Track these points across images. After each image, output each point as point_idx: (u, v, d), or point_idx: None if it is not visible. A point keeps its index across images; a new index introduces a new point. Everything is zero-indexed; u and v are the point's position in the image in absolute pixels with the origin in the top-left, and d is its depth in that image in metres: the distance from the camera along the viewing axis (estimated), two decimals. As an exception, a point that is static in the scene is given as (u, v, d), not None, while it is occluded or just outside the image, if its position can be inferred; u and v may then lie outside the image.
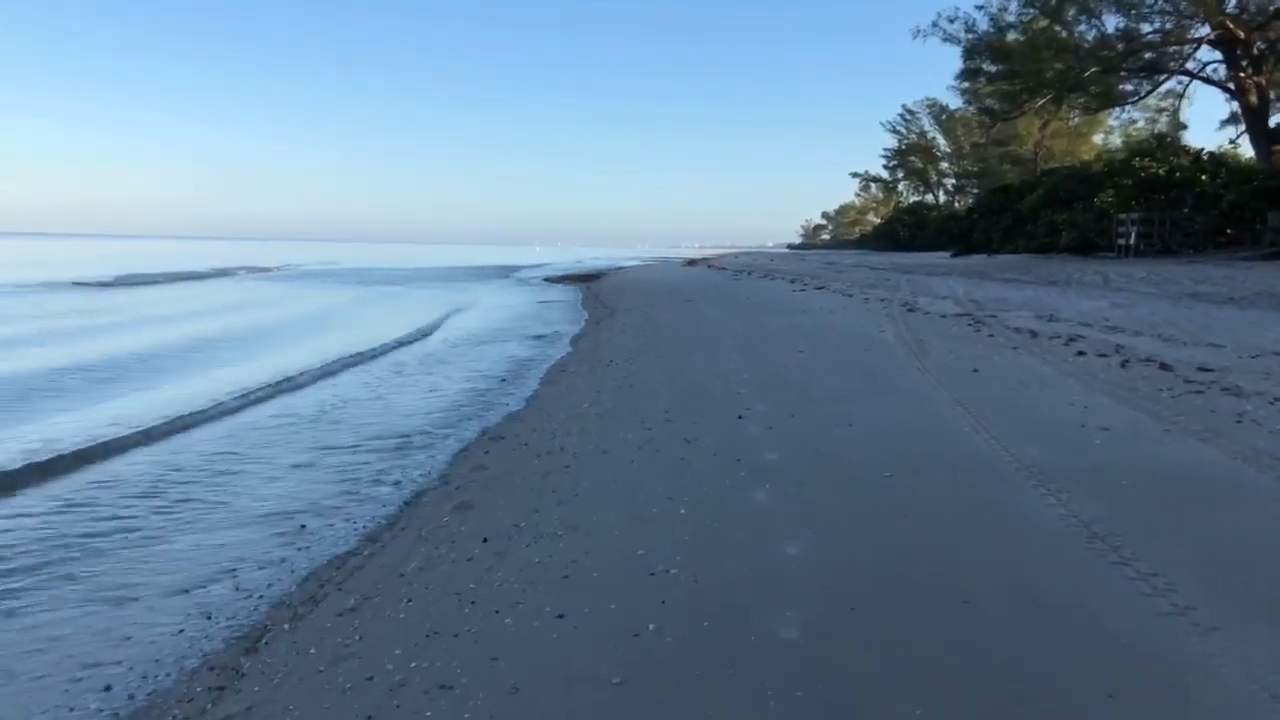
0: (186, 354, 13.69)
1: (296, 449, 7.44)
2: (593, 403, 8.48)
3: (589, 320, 18.56)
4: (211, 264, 54.86)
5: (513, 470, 6.10)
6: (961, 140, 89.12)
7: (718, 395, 8.39)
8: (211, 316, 21.07)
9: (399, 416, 8.80)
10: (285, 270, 53.67)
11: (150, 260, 59.57)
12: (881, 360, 9.87)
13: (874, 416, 7.05)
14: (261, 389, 10.16)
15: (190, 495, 6.05)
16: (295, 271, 52.90)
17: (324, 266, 61.25)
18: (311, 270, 54.85)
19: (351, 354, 13.04)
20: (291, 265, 60.30)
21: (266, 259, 71.78)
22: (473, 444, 7.17)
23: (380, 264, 68.03)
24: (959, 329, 11.98)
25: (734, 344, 12.15)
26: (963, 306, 14.93)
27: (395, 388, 10.67)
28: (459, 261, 77.34)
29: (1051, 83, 30.53)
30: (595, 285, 33.42)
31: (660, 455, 6.17)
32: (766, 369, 9.81)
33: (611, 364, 11.09)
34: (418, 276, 47.03)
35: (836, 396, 7.97)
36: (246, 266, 53.69)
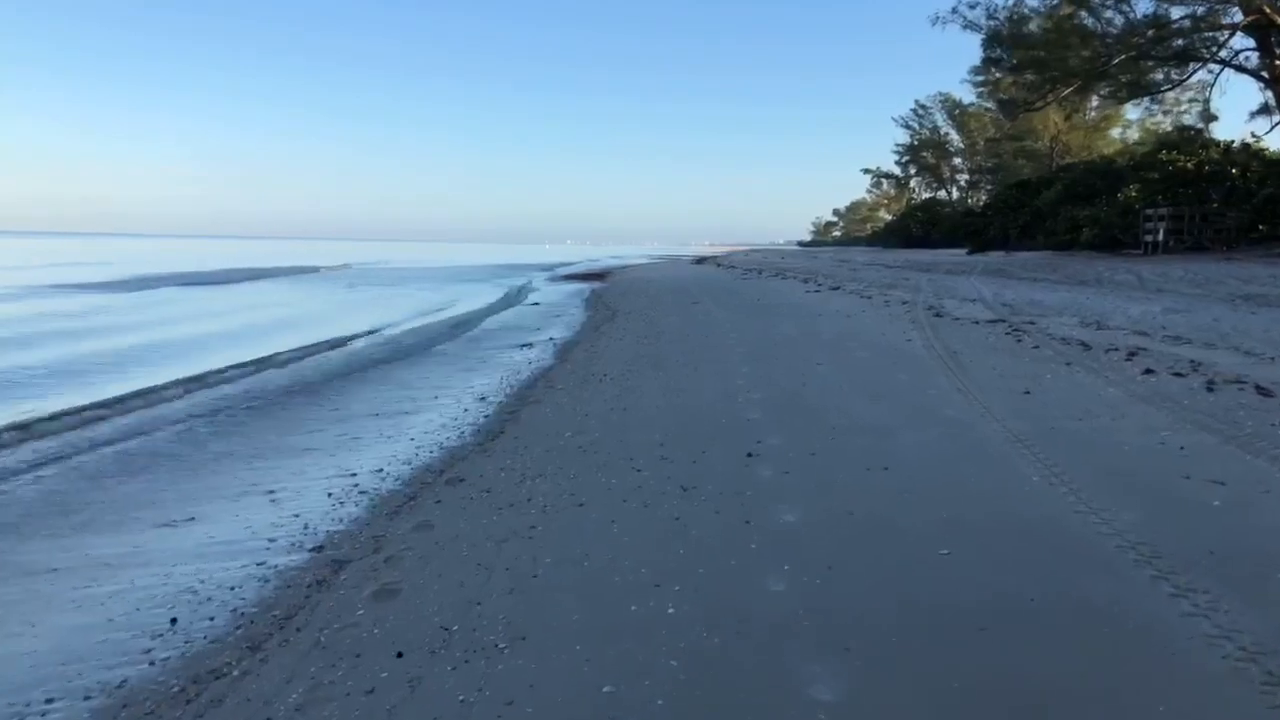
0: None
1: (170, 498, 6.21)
2: (577, 430, 7.21)
3: (587, 324, 17.27)
4: (266, 263, 55.93)
5: (463, 532, 4.83)
6: (975, 135, 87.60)
7: (724, 423, 7.10)
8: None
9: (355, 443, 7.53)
10: (350, 269, 54.73)
11: (181, 260, 61.32)
12: (914, 378, 8.56)
13: (914, 457, 5.75)
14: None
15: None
16: (365, 270, 53.76)
17: (381, 265, 61.68)
18: (380, 269, 55.49)
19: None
20: (352, 264, 61.06)
21: (308, 258, 72.98)
22: (423, 490, 5.90)
23: (420, 263, 68.29)
24: (997, 338, 10.65)
25: (744, 354, 10.86)
26: (995, 311, 13.58)
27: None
28: (482, 261, 77.33)
29: (1077, 72, 29.07)
30: (599, 285, 32.15)
31: (649, 512, 4.89)
32: (781, 387, 8.52)
33: (605, 379, 9.82)
34: (493, 275, 46.80)
35: (865, 427, 6.67)
36: (304, 266, 54.37)
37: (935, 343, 10.62)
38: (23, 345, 14.28)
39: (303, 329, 17.50)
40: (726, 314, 16.52)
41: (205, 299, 27.73)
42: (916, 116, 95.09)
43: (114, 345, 14.58)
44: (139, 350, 14.03)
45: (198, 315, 21.40)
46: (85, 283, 33.32)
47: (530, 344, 14.92)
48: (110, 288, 31.64)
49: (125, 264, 52.35)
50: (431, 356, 13.85)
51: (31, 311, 20.76)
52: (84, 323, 18.42)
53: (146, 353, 13.76)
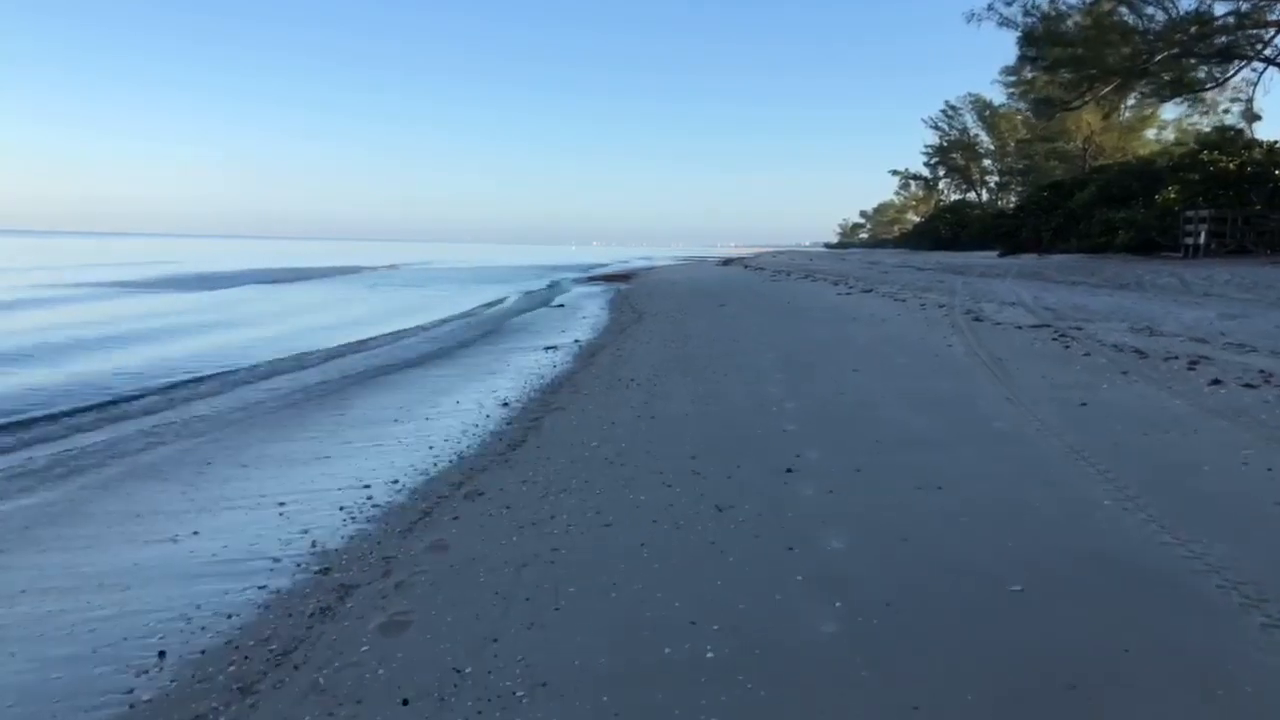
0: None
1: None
2: (604, 439, 6.83)
3: (613, 326, 16.89)
4: (310, 264, 58.05)
5: (480, 554, 4.45)
6: (1006, 136, 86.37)
7: (758, 434, 6.69)
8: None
9: (363, 457, 7.20)
10: (407, 269, 56.77)
11: (216, 260, 64.18)
12: (959, 387, 8.09)
13: (968, 475, 5.30)
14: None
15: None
16: (425, 270, 55.81)
17: (425, 266, 63.35)
18: (432, 269, 57.34)
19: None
20: (407, 264, 62.85)
21: (349, 259, 74.84)
22: (440, 503, 5.54)
23: (453, 265, 69.56)
24: (1043, 344, 10.13)
25: (775, 360, 10.43)
26: (1038, 316, 13.04)
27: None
28: (508, 261, 78.55)
29: (1117, 69, 28.27)
30: (625, 286, 31.77)
31: (682, 535, 4.50)
32: (817, 395, 8.09)
33: (632, 384, 9.43)
34: (519, 275, 47.27)
35: (912, 440, 6.23)
36: (350, 266, 55.91)
37: (978, 349, 10.13)
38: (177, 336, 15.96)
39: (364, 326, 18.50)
40: (756, 317, 16.08)
41: (286, 296, 29.62)
42: (946, 117, 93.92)
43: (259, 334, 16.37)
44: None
45: (295, 309, 23.83)
46: (144, 280, 34.87)
47: (555, 346, 14.56)
48: (183, 285, 33.29)
49: (163, 264, 54.01)
50: (455, 359, 13.55)
51: (132, 310, 22.12)
52: (198, 318, 20.35)
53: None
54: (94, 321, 18.61)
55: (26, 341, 14.83)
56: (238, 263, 57.89)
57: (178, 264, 53.98)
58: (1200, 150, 35.06)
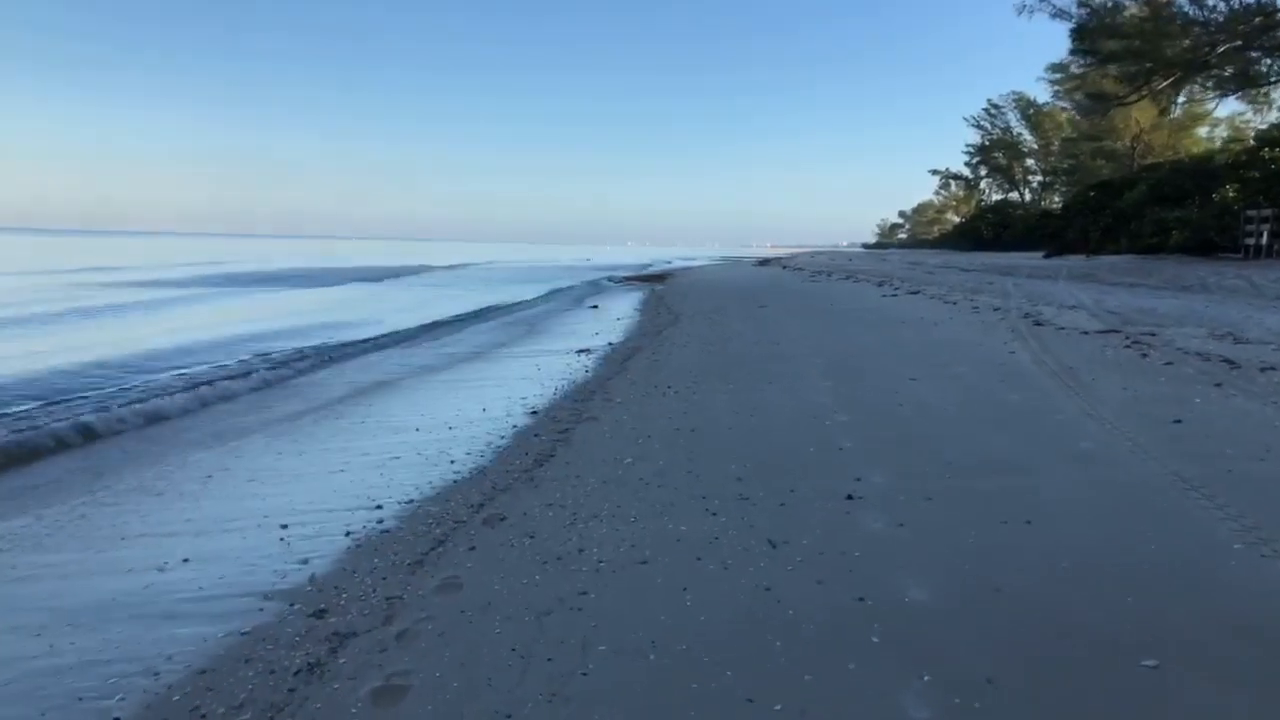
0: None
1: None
2: (638, 456, 6.21)
3: (648, 329, 16.25)
4: (373, 263, 59.93)
5: (497, 597, 3.86)
6: (1050, 135, 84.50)
7: (811, 452, 6.03)
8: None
9: (378, 472, 6.65)
10: (474, 268, 57.75)
11: (268, 260, 65.44)
12: (1030, 399, 7.36)
13: (1062, 506, 4.60)
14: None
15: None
16: (490, 269, 56.72)
17: (492, 265, 64.78)
18: (494, 268, 58.16)
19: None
20: (471, 265, 63.43)
21: (403, 258, 75.86)
22: (457, 529, 4.96)
23: (522, 262, 71.66)
24: (1115, 352, 9.33)
25: (822, 367, 9.74)
26: (1103, 320, 12.20)
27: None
28: (542, 261, 79.34)
29: (1176, 62, 27.07)
30: (661, 287, 31.13)
31: (731, 578, 3.86)
32: (871, 408, 7.40)
33: (669, 392, 8.81)
34: (553, 276, 47.35)
35: (986, 463, 5.53)
36: (416, 266, 56.65)
37: (1044, 356, 9.36)
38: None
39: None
40: (798, 320, 15.37)
41: (393, 294, 31.32)
42: (989, 116, 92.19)
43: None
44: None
45: (411, 305, 25.07)
46: (247, 277, 37.38)
47: (588, 349, 13.97)
48: (291, 283, 35.44)
49: (218, 264, 55.45)
50: (484, 362, 13.02)
51: (290, 306, 23.79)
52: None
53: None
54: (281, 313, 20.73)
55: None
56: (292, 262, 59.58)
57: (229, 263, 55.29)
58: (1261, 147, 33.66)
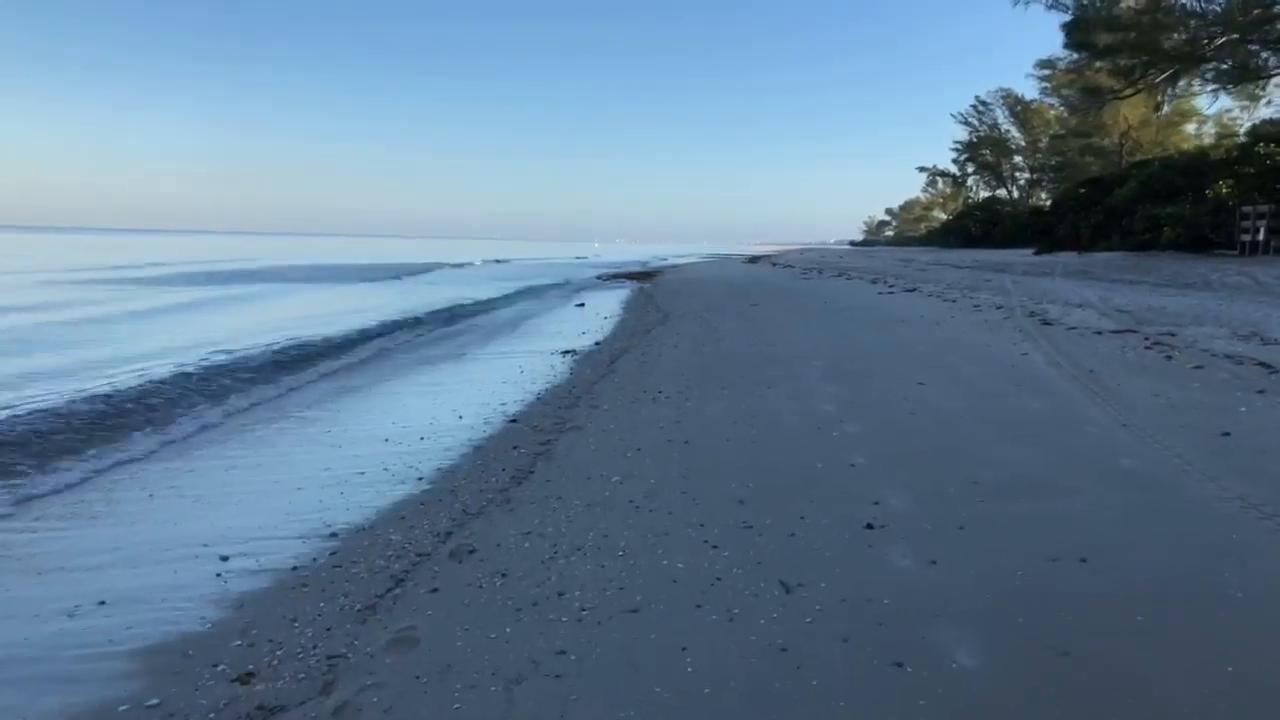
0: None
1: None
2: (626, 473, 5.59)
3: (637, 328, 15.62)
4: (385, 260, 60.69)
5: (459, 656, 3.22)
6: (1038, 132, 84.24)
7: (819, 469, 5.41)
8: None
9: (334, 492, 5.99)
10: (486, 267, 57.49)
11: (285, 257, 65.85)
12: (1054, 406, 6.76)
13: (1116, 538, 3.99)
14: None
15: None
16: (504, 267, 56.90)
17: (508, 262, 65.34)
18: (508, 266, 58.37)
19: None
20: (478, 262, 63.14)
21: (412, 256, 75.93)
22: (419, 564, 4.32)
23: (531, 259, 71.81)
24: (1136, 354, 8.76)
25: (823, 370, 9.13)
26: (1114, 319, 11.63)
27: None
28: (528, 257, 78.81)
29: (1173, 55, 26.60)
30: (649, 284, 30.49)
31: (739, 633, 3.24)
32: (881, 417, 6.79)
33: (659, 397, 8.19)
34: (539, 272, 47.11)
35: (1020, 482, 4.92)
36: (423, 264, 56.40)
37: (1059, 358, 8.78)
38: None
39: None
40: (793, 319, 14.76)
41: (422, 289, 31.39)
42: (976, 113, 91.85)
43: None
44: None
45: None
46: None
47: (573, 350, 13.33)
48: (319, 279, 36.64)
49: (240, 261, 55.52)
50: (465, 363, 12.35)
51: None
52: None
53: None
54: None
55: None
56: (308, 259, 60.80)
57: (239, 261, 55.68)
58: (1256, 142, 33.28)
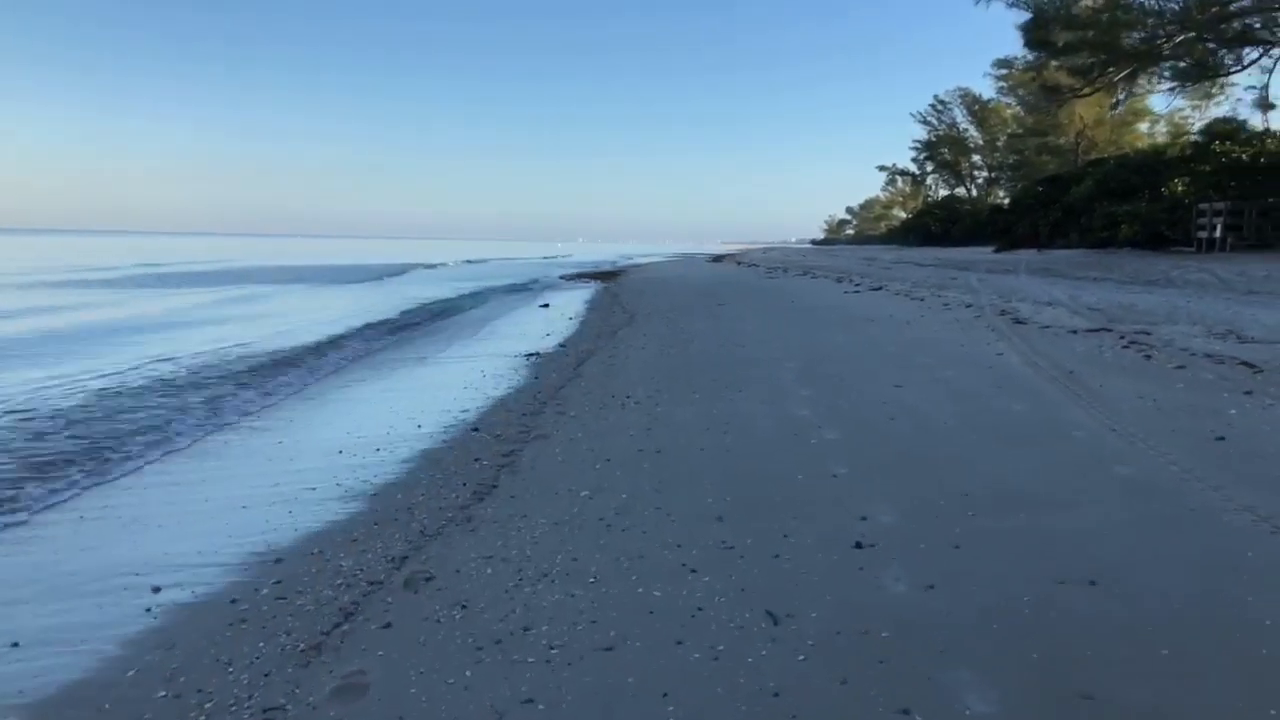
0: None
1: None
2: (597, 486, 5.24)
3: (603, 329, 15.26)
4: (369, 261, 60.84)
5: (413, 710, 2.85)
6: (995, 131, 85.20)
7: (800, 480, 5.11)
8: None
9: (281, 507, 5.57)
10: (456, 268, 56.75)
11: (272, 258, 67.12)
12: (1038, 410, 6.52)
13: (1126, 557, 3.72)
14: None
15: None
16: (476, 267, 56.28)
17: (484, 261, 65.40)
18: (483, 267, 57.59)
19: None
20: (448, 263, 62.32)
21: (378, 257, 75.67)
22: (370, 593, 3.93)
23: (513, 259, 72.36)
24: (1114, 353, 8.59)
25: (797, 372, 8.85)
26: (1086, 318, 11.51)
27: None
28: (492, 256, 78.08)
29: (1130, 53, 26.81)
30: (614, 284, 30.14)
31: (725, 674, 2.90)
32: (860, 420, 6.51)
33: (628, 403, 7.85)
34: (501, 273, 47.73)
35: (1015, 494, 4.65)
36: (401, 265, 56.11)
37: (1036, 358, 8.58)
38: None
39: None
40: (761, 319, 14.51)
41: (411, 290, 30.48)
42: (935, 112, 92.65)
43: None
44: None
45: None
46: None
47: (538, 353, 12.94)
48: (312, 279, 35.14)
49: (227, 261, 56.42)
50: (425, 367, 11.91)
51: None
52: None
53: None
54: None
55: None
56: (289, 260, 61.35)
57: (226, 261, 56.22)
58: (1211, 141, 33.77)
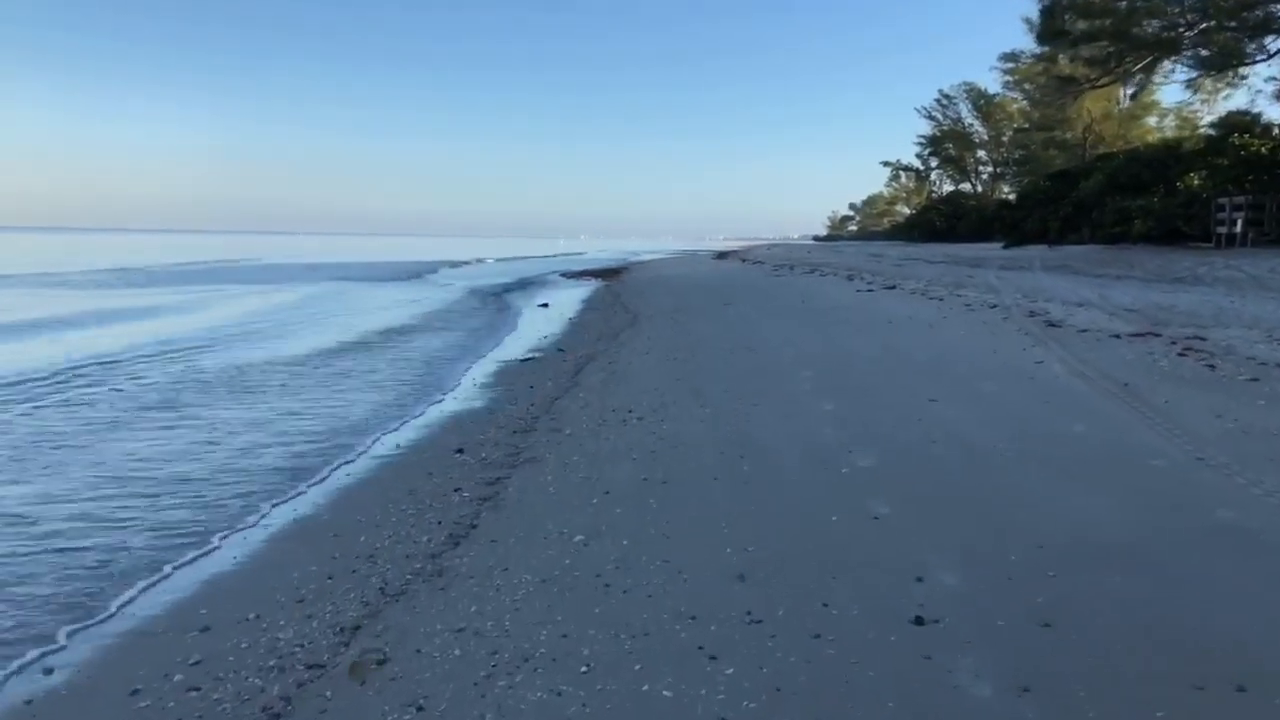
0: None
1: None
2: (593, 531, 4.43)
3: (604, 331, 14.44)
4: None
5: None
6: (1001, 126, 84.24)
7: (834, 524, 4.29)
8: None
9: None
10: (489, 265, 55.85)
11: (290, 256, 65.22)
12: (1102, 432, 5.69)
13: (1272, 645, 2.91)
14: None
15: None
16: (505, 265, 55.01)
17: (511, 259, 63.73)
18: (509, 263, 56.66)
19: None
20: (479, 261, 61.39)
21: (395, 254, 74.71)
22: (303, 694, 3.13)
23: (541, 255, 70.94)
24: (1170, 362, 7.75)
25: (815, 381, 8.04)
26: (1124, 319, 10.67)
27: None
28: (494, 254, 76.69)
29: (1148, 43, 25.90)
30: (616, 282, 29.31)
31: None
32: (896, 445, 5.69)
33: (630, 418, 7.04)
34: (502, 271, 46.14)
35: (1099, 547, 3.83)
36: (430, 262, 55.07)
37: (1082, 367, 7.76)
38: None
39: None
40: (771, 320, 13.67)
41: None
42: (940, 106, 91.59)
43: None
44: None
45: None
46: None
47: (534, 358, 12.14)
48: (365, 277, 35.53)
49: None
50: (416, 371, 11.07)
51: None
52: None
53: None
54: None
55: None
56: (325, 258, 60.58)
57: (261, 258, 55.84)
58: (1228, 133, 32.86)
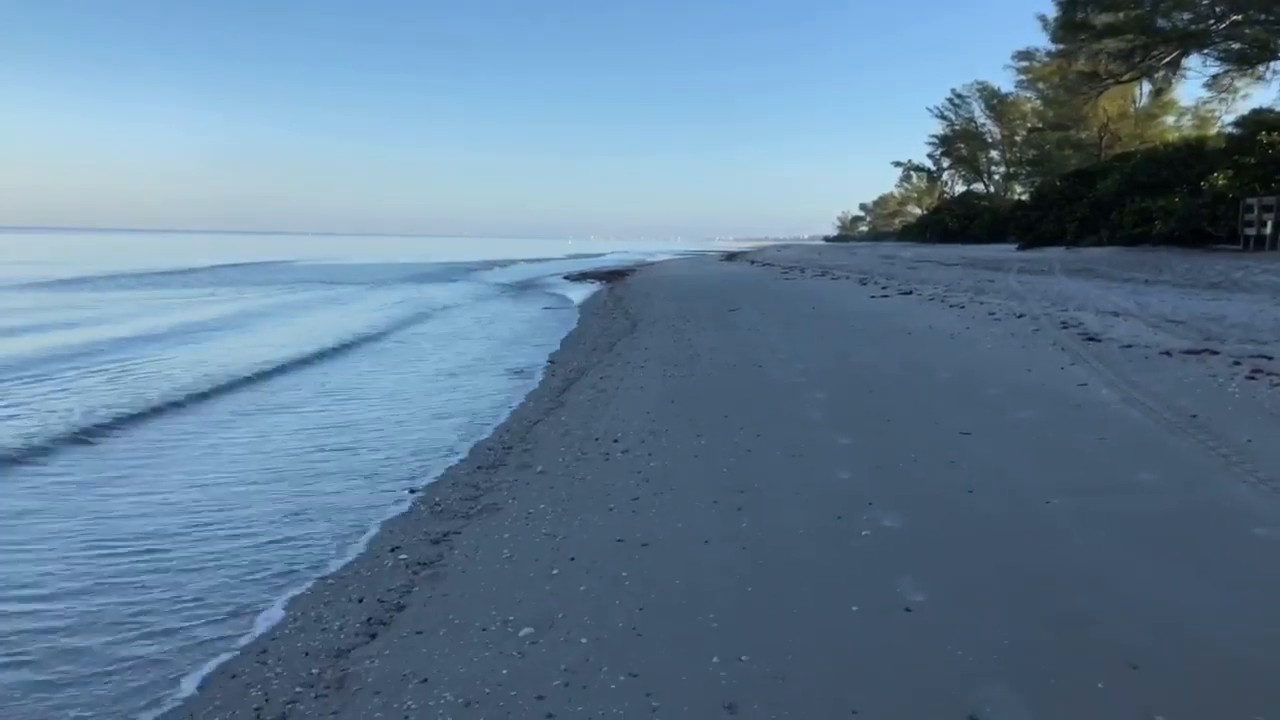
0: None
1: None
2: (545, 622, 3.49)
3: (600, 340, 13.47)
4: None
5: None
6: (1014, 126, 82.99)
7: (855, 617, 3.32)
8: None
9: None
10: (521, 265, 55.94)
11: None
12: (1180, 483, 4.70)
13: None
14: None
15: None
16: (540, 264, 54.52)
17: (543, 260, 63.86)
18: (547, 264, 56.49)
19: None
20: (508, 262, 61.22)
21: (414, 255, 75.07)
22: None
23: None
24: (1240, 387, 6.71)
25: (827, 405, 7.06)
26: (1171, 332, 9.63)
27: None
28: (499, 256, 75.90)
29: (1177, 35, 24.82)
30: (619, 285, 28.34)
31: None
32: (926, 496, 4.71)
33: (614, 450, 6.09)
34: (503, 272, 45.21)
35: (1213, 662, 2.84)
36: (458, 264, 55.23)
37: (1134, 392, 6.75)
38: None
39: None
40: (779, 328, 12.68)
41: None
42: (953, 106, 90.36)
43: None
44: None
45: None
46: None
47: (521, 370, 11.21)
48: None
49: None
50: (391, 381, 10.12)
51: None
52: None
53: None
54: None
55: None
56: (357, 260, 61.67)
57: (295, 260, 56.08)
58: (1255, 131, 31.70)
